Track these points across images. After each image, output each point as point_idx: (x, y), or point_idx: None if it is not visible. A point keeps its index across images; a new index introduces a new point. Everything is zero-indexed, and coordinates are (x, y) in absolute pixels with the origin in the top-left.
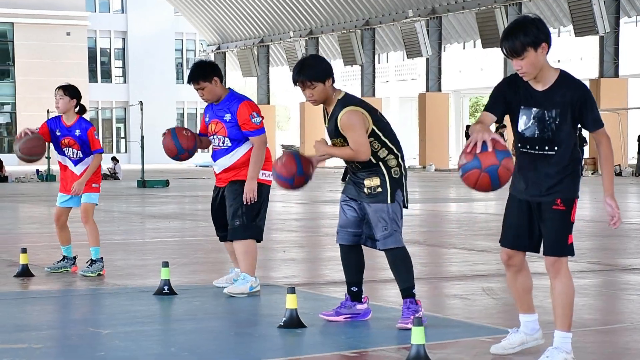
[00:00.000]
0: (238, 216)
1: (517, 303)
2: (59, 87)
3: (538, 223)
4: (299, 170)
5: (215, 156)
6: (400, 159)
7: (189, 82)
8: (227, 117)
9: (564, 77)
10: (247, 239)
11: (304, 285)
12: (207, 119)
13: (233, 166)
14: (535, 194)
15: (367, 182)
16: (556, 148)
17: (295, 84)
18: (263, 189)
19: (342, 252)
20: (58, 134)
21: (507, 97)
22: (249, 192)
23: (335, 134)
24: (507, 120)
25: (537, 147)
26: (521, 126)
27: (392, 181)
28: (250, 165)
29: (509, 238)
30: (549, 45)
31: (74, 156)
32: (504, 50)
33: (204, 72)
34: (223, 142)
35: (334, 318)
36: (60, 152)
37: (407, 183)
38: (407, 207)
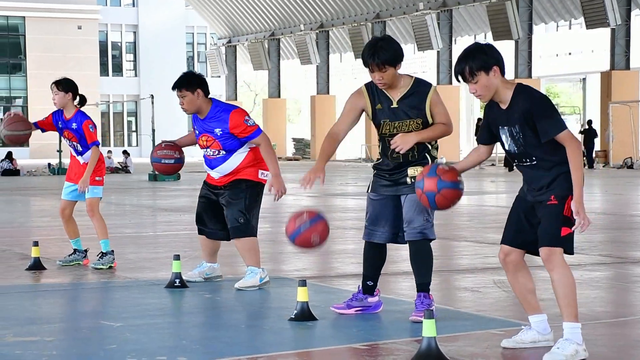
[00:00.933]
0: (241, 214)
1: (522, 305)
2: (53, 83)
3: (537, 224)
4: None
5: (212, 164)
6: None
7: (172, 88)
8: (218, 131)
9: (517, 93)
10: (249, 236)
11: (315, 278)
12: (197, 132)
13: (236, 170)
14: (535, 197)
15: (410, 172)
16: (534, 159)
17: (366, 66)
18: (261, 189)
19: (366, 248)
20: (60, 126)
21: (488, 125)
22: (281, 189)
23: (416, 112)
24: None
25: (522, 161)
26: (505, 145)
27: None
28: (269, 164)
29: (508, 235)
30: (501, 67)
31: (74, 148)
32: (457, 76)
33: (189, 82)
34: (218, 153)
35: (345, 311)
36: (68, 144)
37: None
38: None
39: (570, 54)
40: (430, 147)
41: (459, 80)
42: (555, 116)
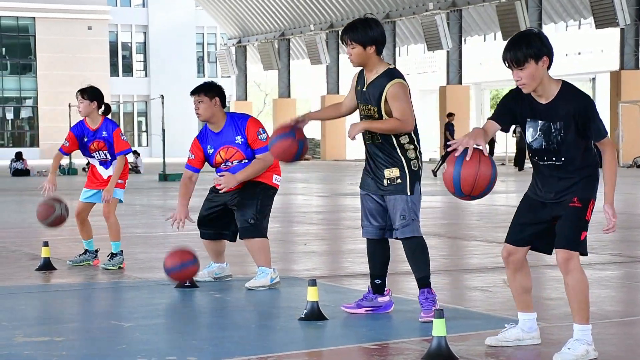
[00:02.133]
0: (253, 215)
1: (515, 301)
2: (78, 91)
3: (547, 222)
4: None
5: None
6: (418, 152)
7: (191, 94)
8: (239, 139)
9: (566, 89)
10: (260, 237)
11: (325, 278)
12: (209, 150)
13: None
14: (554, 197)
15: (386, 173)
16: (563, 159)
17: (341, 41)
18: (274, 193)
19: (368, 245)
20: (85, 140)
21: (513, 109)
22: (229, 183)
23: (375, 101)
24: None
25: (545, 158)
26: (529, 138)
27: (411, 173)
28: (248, 167)
29: (512, 234)
30: (551, 59)
31: (105, 158)
32: (506, 61)
33: (209, 89)
34: (240, 162)
35: (355, 311)
36: (90, 156)
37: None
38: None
39: (579, 53)
40: (398, 145)
41: (507, 66)
42: (601, 120)
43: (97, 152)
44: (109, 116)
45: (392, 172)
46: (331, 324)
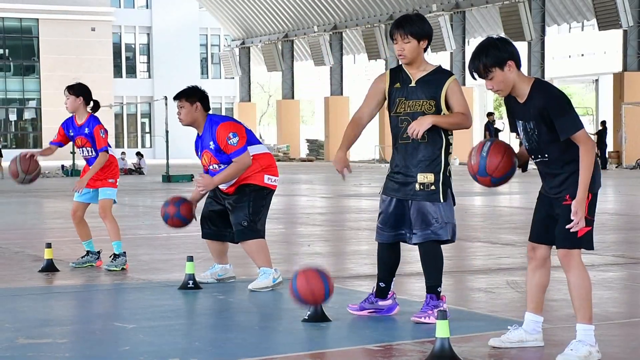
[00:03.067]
0: (245, 217)
1: (528, 299)
2: (66, 87)
3: (556, 215)
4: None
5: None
6: (446, 152)
7: (174, 99)
8: (212, 144)
9: (535, 88)
10: (255, 239)
11: None
12: (198, 154)
13: (241, 178)
14: (551, 192)
15: (420, 178)
16: (546, 155)
17: (392, 37)
18: (268, 193)
19: (380, 249)
20: (71, 134)
21: (511, 113)
22: (207, 185)
23: (431, 95)
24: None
25: (537, 156)
26: (521, 138)
27: (445, 179)
28: (223, 172)
29: (533, 231)
30: (516, 61)
31: (89, 155)
32: (472, 74)
33: (190, 93)
34: (219, 167)
35: (357, 312)
36: (80, 151)
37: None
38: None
39: (582, 55)
40: (446, 146)
41: (474, 78)
42: (573, 114)
43: (81, 149)
44: (100, 113)
45: (426, 177)
46: (334, 325)
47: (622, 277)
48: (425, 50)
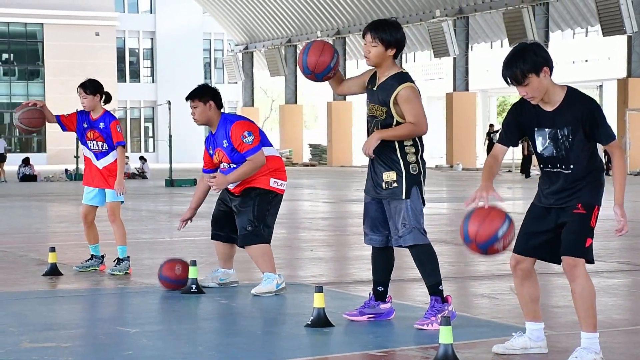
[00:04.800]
0: (250, 221)
1: (523, 310)
2: (79, 86)
3: (553, 230)
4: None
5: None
6: (419, 156)
7: (186, 99)
8: (225, 143)
9: (571, 95)
10: (259, 243)
11: (332, 284)
12: (210, 151)
13: (248, 179)
14: (559, 202)
15: (384, 177)
16: (571, 166)
17: (363, 36)
18: (275, 197)
19: (373, 252)
20: (85, 126)
21: (519, 122)
22: (220, 184)
23: (383, 102)
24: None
25: (557, 165)
26: (539, 147)
27: (408, 177)
28: (237, 170)
29: (519, 243)
30: (551, 67)
31: (98, 149)
32: (507, 80)
33: (202, 93)
34: (229, 166)
35: (357, 318)
36: (85, 144)
37: (425, 182)
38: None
39: (586, 61)
40: (399, 147)
41: (508, 84)
42: (608, 124)
43: (91, 142)
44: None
45: (389, 176)
46: (337, 330)
47: (626, 284)
48: (395, 57)
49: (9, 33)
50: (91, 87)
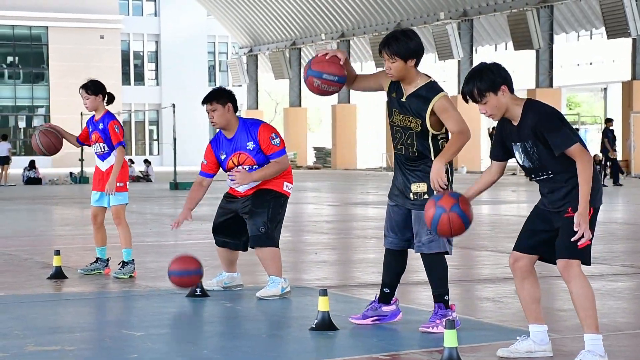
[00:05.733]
0: (264, 223)
1: (524, 312)
2: (81, 87)
3: (555, 231)
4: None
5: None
6: (449, 165)
7: (203, 102)
8: (250, 145)
9: (526, 108)
10: (271, 246)
11: (336, 288)
12: (222, 156)
13: (263, 181)
14: (554, 206)
15: (414, 188)
16: (550, 172)
17: (379, 54)
18: (285, 200)
19: (386, 255)
20: (90, 130)
21: (502, 140)
22: (243, 180)
23: (416, 113)
24: None
25: (539, 174)
26: (519, 160)
27: None
28: (265, 168)
29: (519, 240)
30: (509, 86)
31: (101, 151)
32: (465, 98)
33: (220, 95)
34: (251, 167)
35: (361, 321)
36: (93, 149)
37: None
38: None
39: (591, 63)
40: (431, 161)
41: (467, 102)
42: (564, 129)
43: (95, 145)
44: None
45: (419, 187)
46: (342, 334)
47: (631, 287)
48: (416, 65)
49: (13, 36)
50: (93, 88)
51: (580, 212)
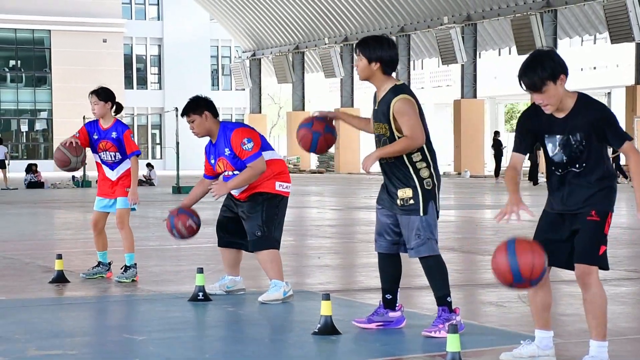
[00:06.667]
0: (259, 227)
1: (533, 318)
2: (92, 93)
3: (568, 237)
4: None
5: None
6: (432, 168)
7: (181, 115)
8: (227, 151)
9: (582, 101)
10: (269, 249)
11: (339, 292)
12: (212, 160)
13: (252, 185)
14: (572, 207)
15: (399, 193)
16: (584, 165)
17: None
18: (281, 200)
19: (379, 259)
20: (95, 137)
21: (531, 129)
22: (220, 190)
23: (384, 118)
24: None
25: (568, 168)
26: (550, 152)
27: (424, 193)
28: (237, 177)
29: None
30: (567, 75)
31: (111, 160)
32: (523, 86)
33: (196, 106)
34: (233, 173)
35: (366, 325)
36: (97, 155)
37: (439, 192)
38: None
39: (595, 68)
40: (410, 164)
41: (524, 90)
42: (620, 126)
43: (104, 152)
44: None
45: (404, 193)
46: (345, 338)
47: (634, 292)
48: (385, 72)
49: (16, 40)
50: (104, 94)
51: (639, 203)
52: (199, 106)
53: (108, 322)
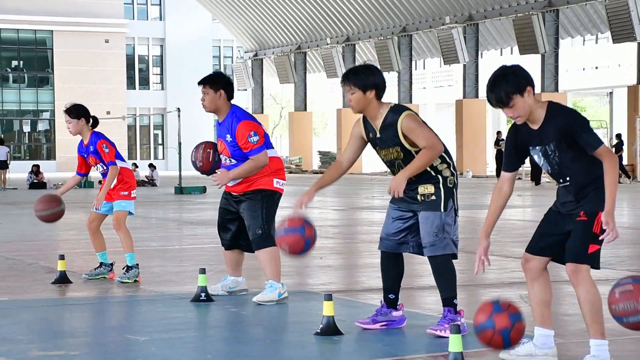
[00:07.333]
0: (260, 226)
1: (533, 314)
2: (64, 111)
3: (565, 235)
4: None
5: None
6: (452, 168)
7: (199, 83)
8: (228, 137)
9: (551, 110)
10: (271, 246)
11: (341, 292)
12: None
13: (249, 179)
14: (568, 210)
15: (420, 189)
16: (568, 179)
17: (341, 86)
18: (278, 198)
19: (382, 259)
20: (85, 156)
21: (516, 146)
22: (222, 179)
23: (392, 142)
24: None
25: (559, 180)
26: (539, 163)
27: (446, 190)
28: (240, 167)
29: (531, 242)
30: (533, 87)
31: (104, 170)
32: (492, 102)
33: (214, 80)
34: (229, 161)
35: (370, 326)
36: (95, 169)
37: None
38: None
39: (597, 68)
40: (432, 169)
41: (494, 107)
42: (592, 130)
43: (95, 166)
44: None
45: (426, 188)
46: (347, 339)
47: None
48: (379, 98)
49: (18, 40)
50: (75, 112)
51: (608, 211)
52: (217, 82)
53: (110, 323)
